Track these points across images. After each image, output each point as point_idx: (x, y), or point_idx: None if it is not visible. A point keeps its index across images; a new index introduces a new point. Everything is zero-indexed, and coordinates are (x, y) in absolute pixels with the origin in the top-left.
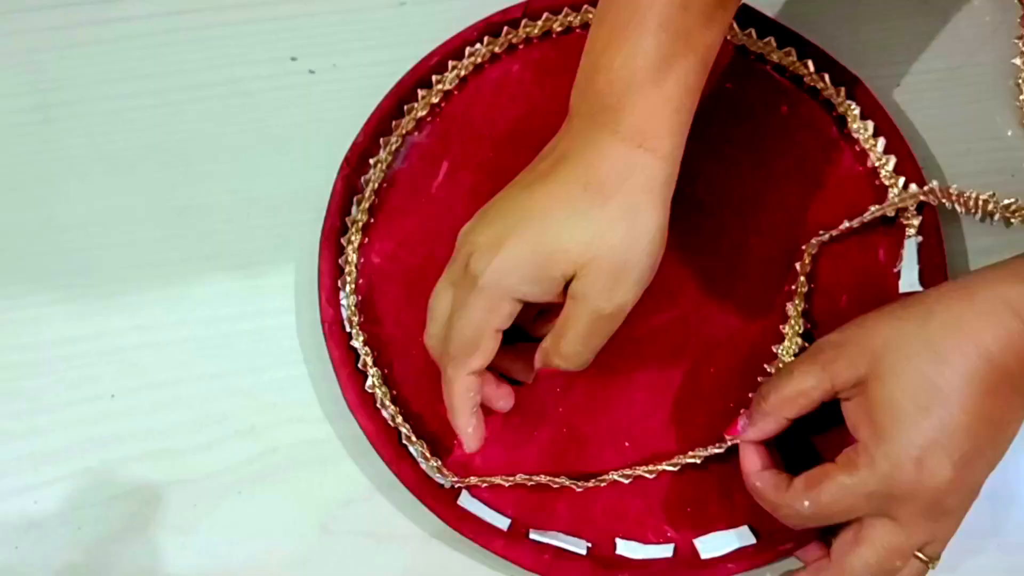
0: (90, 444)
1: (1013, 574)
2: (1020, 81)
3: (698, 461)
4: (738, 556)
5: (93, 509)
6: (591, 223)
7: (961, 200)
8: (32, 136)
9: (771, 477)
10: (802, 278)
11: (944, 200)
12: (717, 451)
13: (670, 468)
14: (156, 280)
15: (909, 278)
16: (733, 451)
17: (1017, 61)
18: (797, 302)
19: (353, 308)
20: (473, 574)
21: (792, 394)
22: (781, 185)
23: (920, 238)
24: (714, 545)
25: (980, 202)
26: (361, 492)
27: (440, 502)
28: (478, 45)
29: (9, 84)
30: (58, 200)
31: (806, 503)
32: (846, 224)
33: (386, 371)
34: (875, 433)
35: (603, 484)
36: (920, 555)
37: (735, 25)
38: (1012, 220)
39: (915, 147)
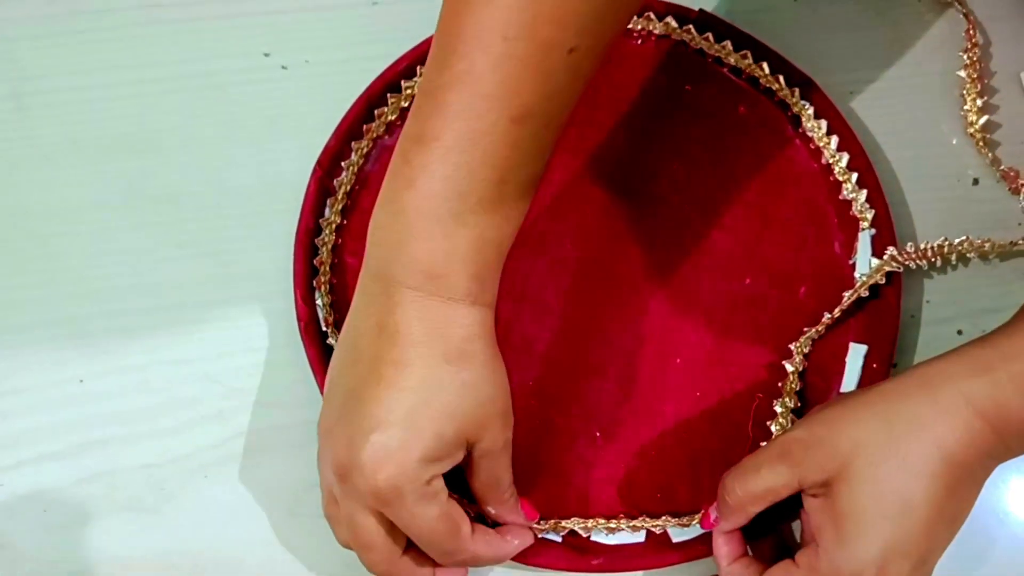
0: (58, 428)
1: None
2: (964, 92)
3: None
4: (704, 539)
5: (60, 492)
6: (468, 391)
7: (919, 255)
8: (4, 124)
9: (741, 572)
10: (794, 376)
11: (907, 262)
12: (685, 529)
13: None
14: (126, 267)
15: (863, 268)
16: (701, 437)
17: (962, 73)
18: (787, 399)
19: (328, 307)
20: None
21: (761, 492)
22: (740, 181)
23: (873, 231)
24: (684, 529)
25: (936, 248)
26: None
27: None
28: None
29: None
30: (30, 188)
31: None
32: (827, 316)
33: None
34: (838, 538)
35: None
36: None
37: (692, 29)
38: (968, 255)
39: (868, 149)
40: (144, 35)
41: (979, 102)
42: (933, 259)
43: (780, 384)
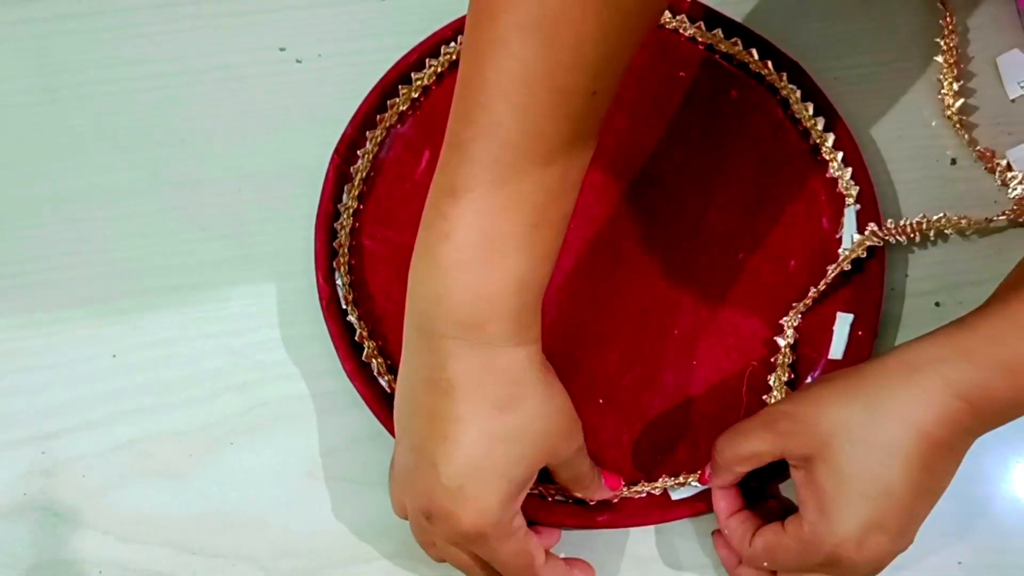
0: (93, 399)
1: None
2: (941, 77)
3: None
4: (704, 496)
5: (96, 458)
6: (527, 429)
7: (899, 230)
8: (39, 115)
9: (738, 527)
10: (786, 350)
11: (888, 237)
12: (682, 486)
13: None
14: (154, 248)
15: (848, 243)
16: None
17: (939, 59)
18: (780, 373)
19: (347, 287)
20: None
21: (746, 454)
22: (733, 161)
23: (858, 206)
24: (682, 488)
25: (915, 225)
26: (342, 443)
27: None
28: (452, 44)
29: (18, 67)
30: (63, 175)
31: (765, 563)
32: (813, 291)
33: (380, 343)
34: (821, 513)
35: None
36: None
37: (686, 18)
38: (947, 231)
39: (855, 131)
40: (166, 32)
41: (955, 86)
42: (912, 235)
43: (773, 359)
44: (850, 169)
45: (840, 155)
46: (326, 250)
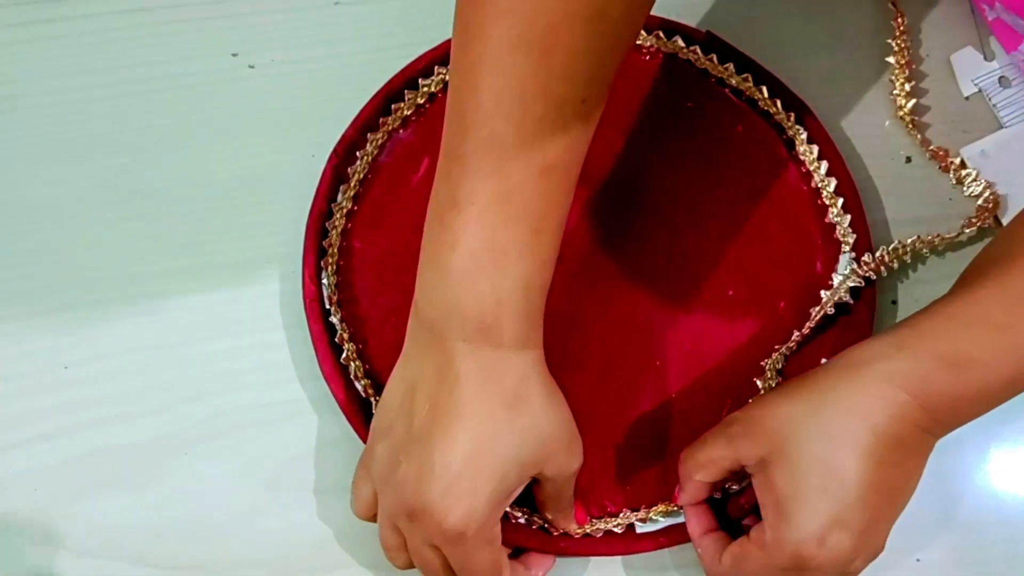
0: (45, 411)
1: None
2: (892, 78)
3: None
4: (670, 531)
5: (48, 472)
6: (529, 432)
7: (878, 264)
8: None
9: (710, 545)
10: (765, 391)
11: (868, 273)
12: (644, 522)
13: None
14: (107, 258)
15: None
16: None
17: (891, 60)
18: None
19: (333, 287)
20: None
21: (703, 460)
22: (732, 196)
23: (853, 254)
24: (647, 524)
25: (892, 253)
26: (302, 451)
27: None
28: None
29: None
30: (14, 185)
31: None
32: (796, 334)
33: (360, 346)
34: (779, 515)
35: None
36: None
37: (699, 50)
38: (924, 252)
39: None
40: (118, 39)
41: (907, 87)
42: (891, 264)
43: (750, 400)
44: (848, 216)
45: (840, 201)
46: (315, 248)
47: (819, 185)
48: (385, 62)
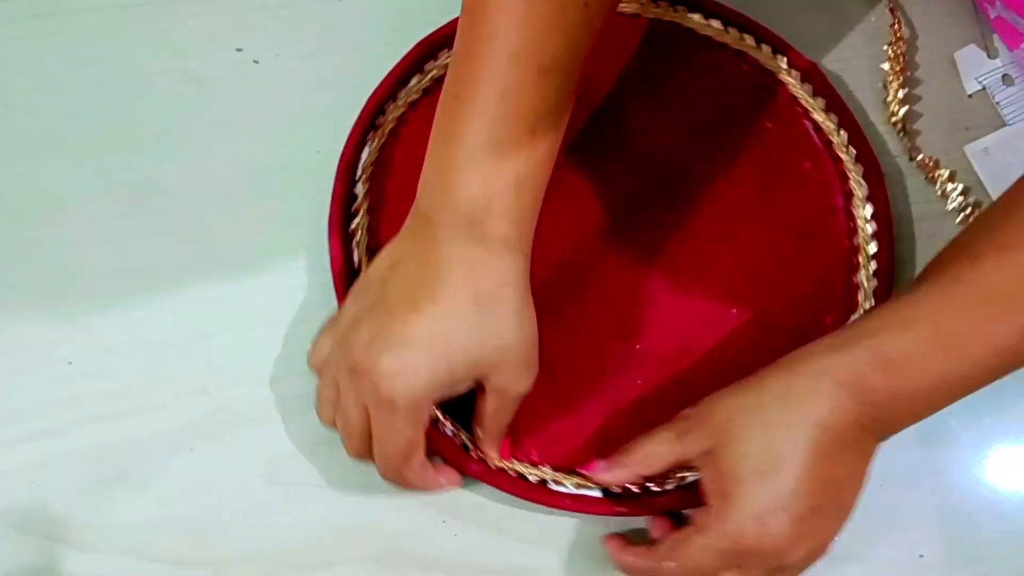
0: (49, 406)
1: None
2: (886, 83)
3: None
4: (581, 500)
5: (52, 467)
6: (490, 332)
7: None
8: None
9: (635, 548)
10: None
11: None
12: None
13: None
14: (110, 253)
15: None
16: None
17: (885, 66)
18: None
19: (363, 258)
20: (410, 518)
21: (647, 454)
22: (747, 171)
23: (875, 282)
24: (560, 485)
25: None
26: (304, 446)
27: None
28: None
29: None
30: (17, 180)
31: (672, 564)
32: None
33: None
34: (722, 498)
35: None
36: None
37: (787, 64)
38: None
39: None
40: (120, 34)
41: (901, 94)
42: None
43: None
44: (875, 243)
45: (874, 243)
46: (341, 214)
47: (858, 225)
48: (391, 56)
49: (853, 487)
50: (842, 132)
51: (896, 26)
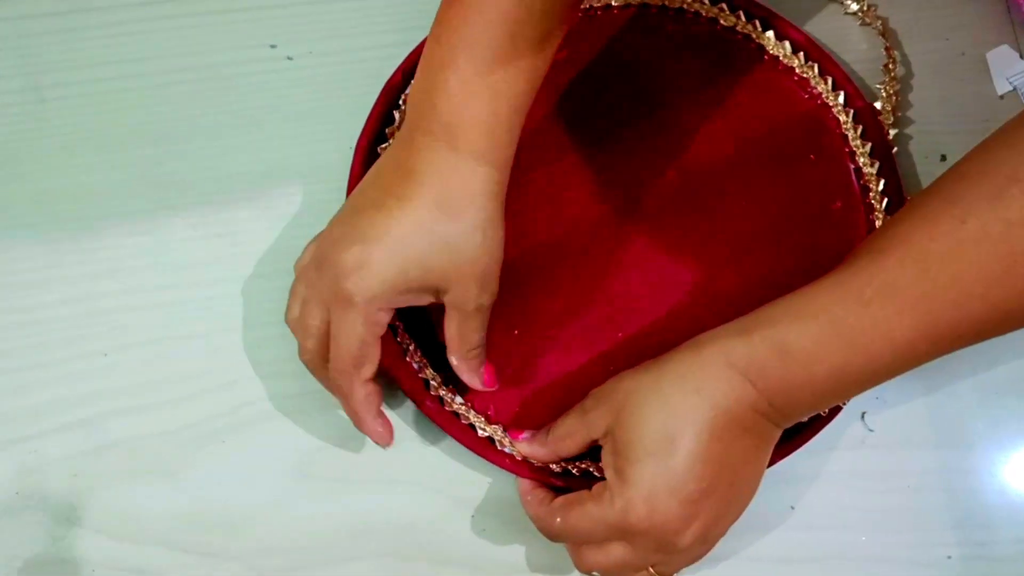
0: (83, 398)
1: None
2: (882, 118)
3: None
4: (518, 464)
5: (86, 457)
6: (450, 241)
7: None
8: (25, 115)
9: (540, 494)
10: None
11: None
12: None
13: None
14: (142, 246)
15: None
16: None
17: (877, 105)
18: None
19: None
20: (433, 512)
21: (562, 434)
22: (759, 154)
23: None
24: (502, 443)
25: None
26: (332, 440)
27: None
28: None
29: (3, 67)
30: (50, 174)
31: (558, 520)
32: None
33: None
34: (616, 474)
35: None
36: (652, 571)
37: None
38: None
39: None
40: (152, 30)
41: (892, 133)
42: None
43: None
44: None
45: (882, 184)
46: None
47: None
48: None
49: (749, 472)
50: (881, 181)
51: (891, 64)
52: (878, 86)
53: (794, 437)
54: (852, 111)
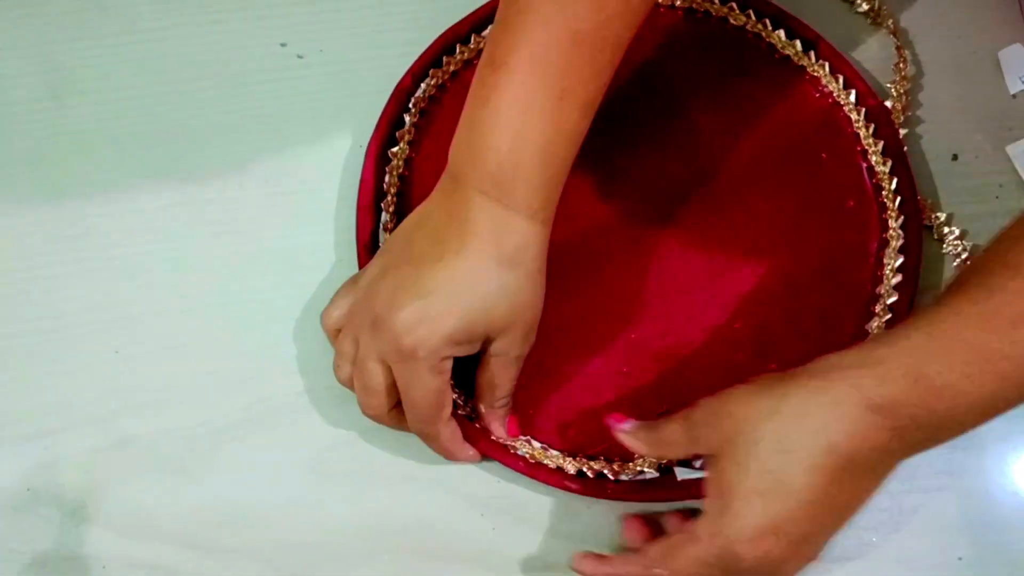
0: (97, 395)
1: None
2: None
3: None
4: (581, 481)
5: (100, 454)
6: (507, 293)
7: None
8: (46, 119)
9: (639, 531)
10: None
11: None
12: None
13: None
14: (157, 244)
15: None
16: None
17: (888, 104)
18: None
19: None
20: (448, 510)
21: (666, 440)
22: (778, 156)
23: (896, 296)
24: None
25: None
26: (348, 437)
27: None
28: None
29: (24, 71)
30: (67, 172)
31: (663, 572)
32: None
33: None
34: (720, 509)
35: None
36: None
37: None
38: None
39: None
40: (179, 26)
41: (903, 132)
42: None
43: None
44: (902, 258)
45: (895, 295)
46: (373, 182)
47: (890, 234)
48: None
49: (858, 506)
50: (894, 180)
51: (902, 64)
52: (889, 85)
53: None
54: (864, 110)
